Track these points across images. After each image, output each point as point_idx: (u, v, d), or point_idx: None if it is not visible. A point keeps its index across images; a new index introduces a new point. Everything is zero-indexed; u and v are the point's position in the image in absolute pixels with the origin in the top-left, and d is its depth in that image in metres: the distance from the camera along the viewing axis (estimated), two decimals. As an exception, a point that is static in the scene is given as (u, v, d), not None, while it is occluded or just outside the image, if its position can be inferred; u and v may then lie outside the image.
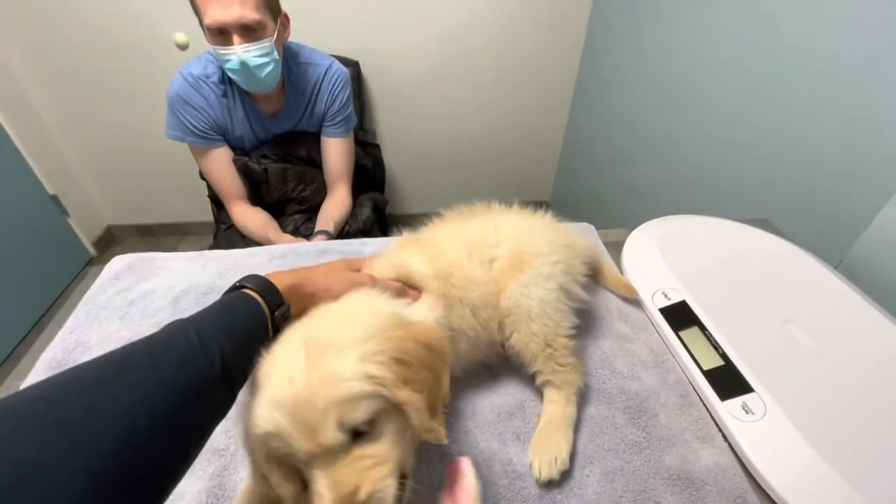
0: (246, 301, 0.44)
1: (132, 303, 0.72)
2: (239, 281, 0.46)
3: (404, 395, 0.37)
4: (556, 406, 0.57)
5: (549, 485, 0.52)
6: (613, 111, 1.74)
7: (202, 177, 1.39)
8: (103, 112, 1.87)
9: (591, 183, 1.92)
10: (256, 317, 0.43)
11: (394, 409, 0.38)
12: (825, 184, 0.97)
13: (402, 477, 0.38)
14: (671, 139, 1.42)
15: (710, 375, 0.63)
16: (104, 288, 0.75)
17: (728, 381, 0.61)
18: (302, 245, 0.88)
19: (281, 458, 0.37)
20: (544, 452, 0.53)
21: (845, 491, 0.49)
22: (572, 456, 0.54)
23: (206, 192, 1.46)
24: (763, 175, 1.11)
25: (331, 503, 0.34)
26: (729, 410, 0.59)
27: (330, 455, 0.36)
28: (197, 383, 0.34)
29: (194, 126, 1.16)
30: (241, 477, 0.51)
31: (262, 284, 0.46)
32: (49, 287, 1.90)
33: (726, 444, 0.57)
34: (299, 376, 0.36)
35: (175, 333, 0.36)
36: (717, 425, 0.59)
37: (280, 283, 0.47)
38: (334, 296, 0.49)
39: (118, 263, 0.80)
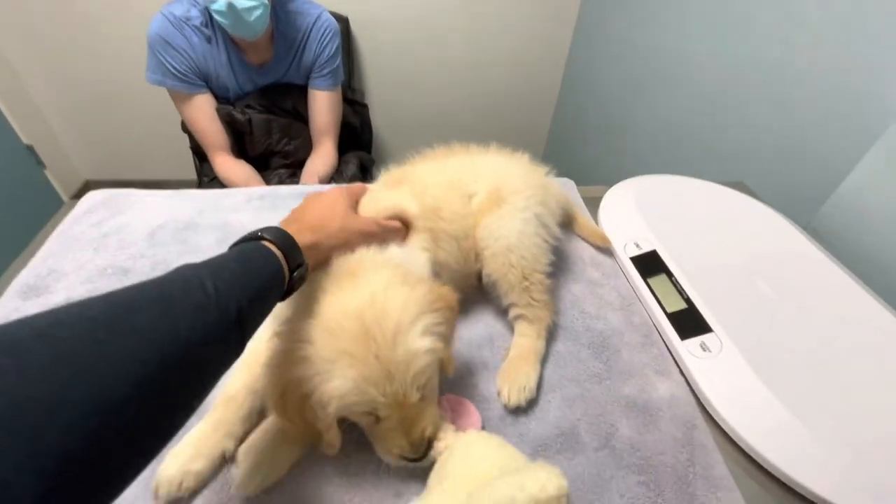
0: (267, 257, 0.42)
1: (107, 235, 0.71)
2: (259, 231, 0.44)
3: (447, 354, 0.46)
4: (526, 339, 0.60)
5: (516, 410, 0.54)
6: (602, 77, 1.74)
7: (184, 129, 1.37)
8: (80, 62, 1.80)
9: (580, 146, 1.93)
10: (275, 274, 0.41)
11: None
12: (799, 150, 0.99)
13: None
14: (655, 105, 1.43)
15: (673, 317, 0.65)
16: (78, 220, 0.74)
17: (689, 323, 0.64)
18: (282, 187, 0.88)
19: (345, 415, 0.42)
20: (513, 381, 0.55)
21: (789, 420, 0.52)
22: (538, 386, 0.56)
23: (189, 145, 1.44)
24: (741, 141, 1.13)
25: (408, 444, 0.43)
26: (687, 348, 0.61)
27: (402, 409, 0.42)
28: (211, 336, 0.32)
29: (175, 69, 1.13)
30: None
31: (285, 240, 0.43)
32: (24, 238, 1.86)
33: (682, 379, 0.59)
34: (384, 354, 0.40)
35: (191, 281, 0.34)
36: (676, 361, 0.61)
37: (301, 241, 0.45)
38: (350, 249, 0.50)
39: (92, 198, 0.79)
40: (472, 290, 0.64)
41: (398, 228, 0.57)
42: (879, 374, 0.58)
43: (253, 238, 0.43)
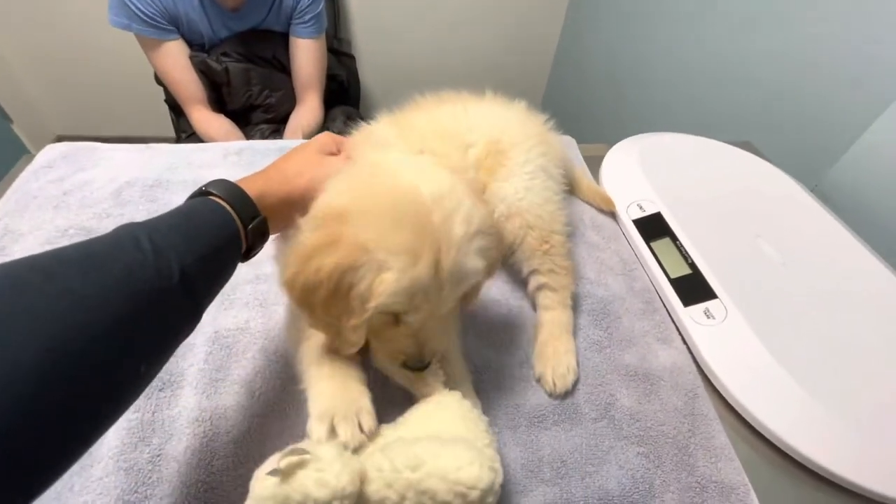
0: (213, 211, 0.38)
1: (68, 192, 0.65)
2: (204, 186, 0.40)
3: (484, 280, 0.43)
4: (553, 314, 0.56)
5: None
6: (603, 32, 1.64)
7: (158, 81, 1.27)
8: (48, 7, 1.65)
9: (580, 103, 1.85)
10: (226, 230, 0.37)
11: None
12: (809, 110, 0.94)
13: None
14: (660, 63, 1.36)
15: (677, 283, 0.62)
16: (36, 176, 0.68)
17: (693, 289, 0.61)
18: (260, 142, 0.81)
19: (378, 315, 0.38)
20: (555, 364, 0.51)
21: (793, 390, 0.50)
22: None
23: (164, 98, 1.34)
24: (748, 99, 1.07)
25: (419, 351, 0.41)
26: (691, 315, 0.58)
27: (430, 319, 0.39)
28: (147, 297, 0.29)
29: (142, 11, 1.03)
30: (189, 363, 0.49)
31: (233, 192, 0.39)
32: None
33: (684, 347, 0.57)
34: (446, 264, 0.37)
35: (123, 238, 0.31)
36: (678, 329, 0.59)
37: (251, 191, 0.40)
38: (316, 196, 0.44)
39: (51, 151, 0.72)
40: None
41: None
42: (887, 343, 0.56)
43: (198, 194, 0.40)
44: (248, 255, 0.41)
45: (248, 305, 0.55)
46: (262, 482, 0.31)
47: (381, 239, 0.35)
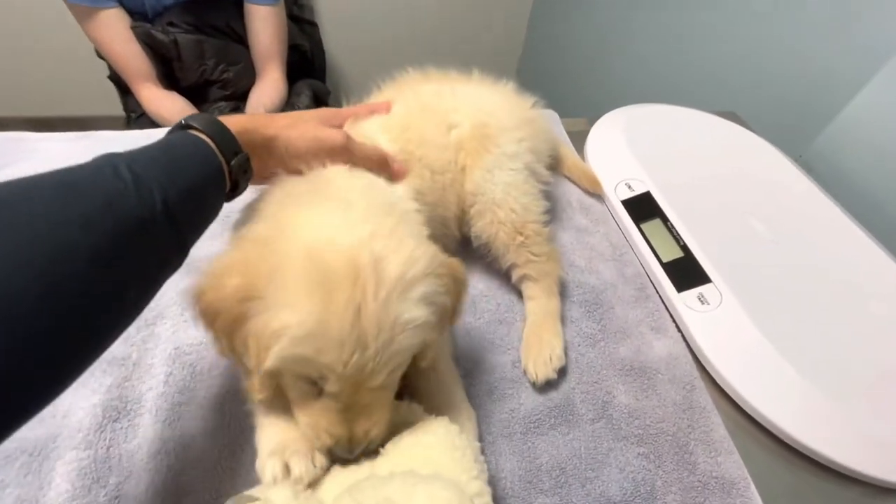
0: (194, 144, 0.36)
1: (-6, 191, 0.57)
2: (184, 119, 0.38)
3: (433, 337, 0.35)
4: (537, 303, 0.53)
5: (546, 385, 0.48)
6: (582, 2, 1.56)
7: (101, 55, 1.14)
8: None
9: (556, 70, 1.78)
10: (209, 163, 0.36)
11: None
12: (794, 79, 0.91)
13: None
14: (640, 29, 1.30)
15: (669, 267, 0.60)
16: (-46, 173, 0.59)
17: (686, 273, 0.59)
18: (217, 127, 0.73)
19: (283, 368, 0.32)
20: (536, 353, 0.48)
21: (793, 378, 0.48)
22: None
23: (107, 73, 1.21)
24: (733, 69, 1.04)
25: (346, 436, 0.33)
26: (685, 301, 0.56)
27: (357, 391, 0.32)
28: (129, 226, 0.28)
29: (67, -26, 0.91)
30: (148, 387, 0.44)
31: (214, 126, 0.37)
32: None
33: (679, 335, 0.55)
34: (370, 311, 0.30)
35: (102, 167, 0.30)
36: (672, 316, 0.57)
37: (234, 126, 0.38)
38: (298, 154, 0.42)
39: (-29, 144, 0.63)
40: (451, 242, 0.56)
41: (380, 160, 0.46)
42: (881, 322, 0.56)
43: (178, 128, 0.38)
44: (232, 193, 0.40)
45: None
46: None
47: (290, 267, 0.30)
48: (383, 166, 0.46)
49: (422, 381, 0.42)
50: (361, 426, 0.33)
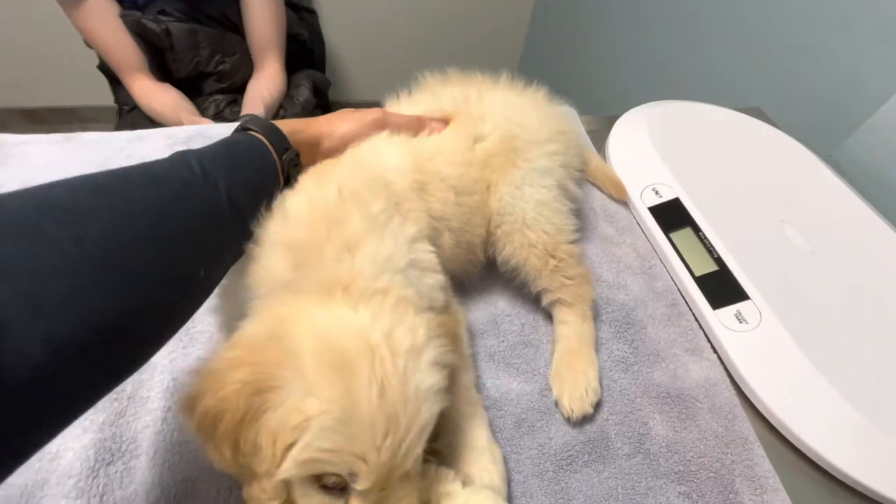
0: (251, 141, 0.40)
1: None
2: (242, 122, 0.43)
3: (448, 404, 0.32)
4: (571, 328, 0.49)
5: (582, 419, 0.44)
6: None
7: (89, 45, 1.08)
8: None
9: (562, 64, 1.72)
10: (265, 159, 0.40)
11: None
12: (821, 76, 0.87)
13: None
14: (653, 22, 1.24)
15: (703, 282, 0.56)
16: (-72, 180, 0.54)
17: (721, 288, 0.55)
18: (214, 127, 0.69)
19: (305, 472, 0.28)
20: (572, 385, 0.45)
21: (842, 405, 0.45)
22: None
23: (96, 63, 1.15)
24: (757, 63, 0.98)
25: None
26: (721, 320, 0.53)
27: (387, 482, 0.28)
28: (203, 211, 0.33)
29: (50, -41, 0.85)
30: (144, 423, 0.40)
31: (268, 127, 0.42)
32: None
33: (716, 357, 0.51)
34: (394, 388, 0.27)
35: (175, 161, 0.34)
36: (707, 336, 0.53)
37: (284, 127, 0.43)
38: (343, 138, 0.46)
39: (-53, 147, 0.58)
40: (475, 265, 0.52)
41: (416, 123, 0.49)
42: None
43: (237, 130, 0.43)
44: (286, 184, 0.43)
45: (214, 340, 0.45)
46: None
47: (306, 362, 0.27)
48: (421, 128, 0.49)
49: (443, 421, 0.38)
50: None
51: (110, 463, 0.38)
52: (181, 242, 0.30)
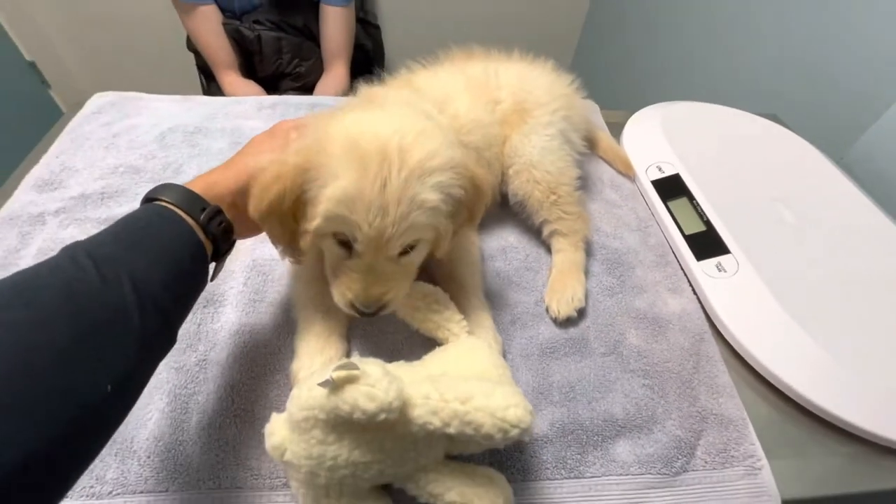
0: (155, 212, 0.35)
1: (117, 135, 0.70)
2: (148, 193, 0.38)
3: (447, 229, 0.42)
4: (564, 254, 0.59)
5: (566, 322, 0.54)
6: (635, 4, 1.62)
7: (190, 47, 1.32)
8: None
9: (607, 67, 1.84)
10: (175, 228, 0.35)
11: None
12: (836, 83, 0.93)
13: None
14: (690, 34, 1.34)
15: (691, 239, 0.64)
16: (87, 120, 0.73)
17: (706, 244, 0.63)
18: (292, 97, 0.85)
19: (327, 230, 0.40)
20: (560, 294, 0.54)
21: (803, 337, 0.51)
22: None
23: (195, 62, 1.39)
24: (774, 71, 1.06)
25: (363, 294, 0.41)
26: (703, 268, 0.60)
27: (377, 255, 0.39)
28: (101, 314, 0.28)
29: (179, -24, 1.07)
30: (230, 286, 0.53)
31: (173, 190, 0.37)
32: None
33: (695, 297, 0.59)
34: (392, 187, 0.37)
35: (60, 259, 0.30)
36: (689, 281, 0.61)
37: (197, 185, 0.38)
38: (258, 143, 0.45)
39: (101, 99, 0.77)
40: (494, 207, 0.63)
41: None
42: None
43: (143, 202, 0.38)
44: (217, 254, 0.39)
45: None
46: (311, 392, 0.33)
47: (335, 154, 0.38)
48: None
49: (457, 305, 0.49)
50: (377, 289, 0.41)
51: (205, 306, 0.51)
52: (68, 361, 0.26)
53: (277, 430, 0.35)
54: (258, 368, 0.47)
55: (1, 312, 0.25)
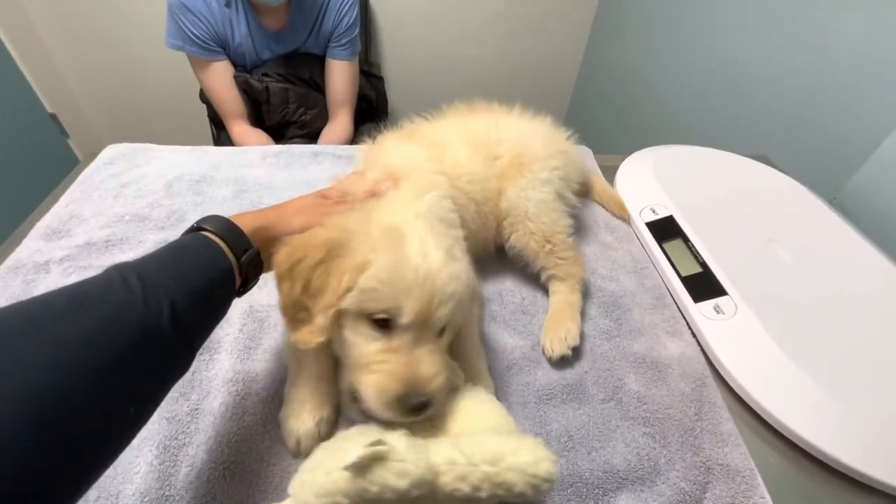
0: (206, 245, 0.38)
1: (125, 184, 0.73)
2: (197, 222, 0.40)
3: (465, 313, 0.43)
4: (561, 295, 0.59)
5: (561, 362, 0.53)
6: (626, 48, 1.70)
7: (203, 99, 1.39)
8: (103, 29, 1.82)
9: (602, 118, 1.90)
10: (217, 264, 0.37)
11: None
12: (824, 123, 0.96)
13: None
14: (679, 78, 1.40)
15: (688, 281, 0.64)
16: (98, 171, 0.76)
17: (704, 286, 0.63)
18: (296, 146, 0.88)
19: (361, 305, 0.38)
20: (554, 333, 0.54)
21: (804, 381, 0.50)
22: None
23: (207, 114, 1.45)
24: (764, 113, 1.09)
25: (413, 380, 0.37)
26: (701, 311, 0.60)
27: (424, 327, 0.38)
28: (135, 337, 0.29)
29: (194, 35, 1.14)
30: (226, 332, 0.53)
31: (224, 226, 0.40)
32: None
33: (694, 339, 0.58)
34: (432, 257, 0.38)
35: (113, 278, 0.31)
36: (688, 324, 0.60)
37: (245, 226, 0.41)
38: (300, 209, 0.48)
39: (112, 151, 0.80)
40: (488, 255, 0.64)
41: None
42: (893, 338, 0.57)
43: (192, 230, 0.40)
44: (243, 288, 0.41)
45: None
46: (329, 476, 0.31)
47: (374, 233, 0.39)
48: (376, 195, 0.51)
49: (452, 354, 0.48)
50: (426, 370, 0.37)
51: (200, 353, 0.50)
52: (106, 379, 0.27)
53: None
54: (250, 417, 0.46)
55: (48, 325, 0.27)
